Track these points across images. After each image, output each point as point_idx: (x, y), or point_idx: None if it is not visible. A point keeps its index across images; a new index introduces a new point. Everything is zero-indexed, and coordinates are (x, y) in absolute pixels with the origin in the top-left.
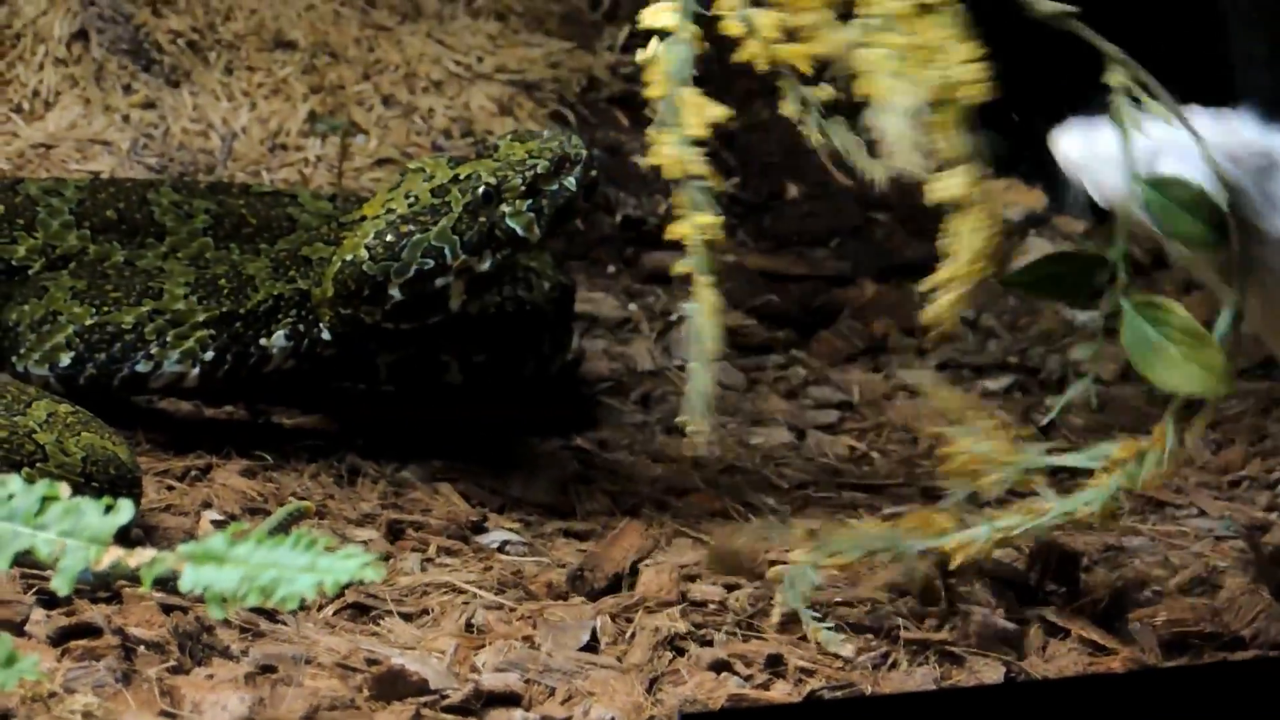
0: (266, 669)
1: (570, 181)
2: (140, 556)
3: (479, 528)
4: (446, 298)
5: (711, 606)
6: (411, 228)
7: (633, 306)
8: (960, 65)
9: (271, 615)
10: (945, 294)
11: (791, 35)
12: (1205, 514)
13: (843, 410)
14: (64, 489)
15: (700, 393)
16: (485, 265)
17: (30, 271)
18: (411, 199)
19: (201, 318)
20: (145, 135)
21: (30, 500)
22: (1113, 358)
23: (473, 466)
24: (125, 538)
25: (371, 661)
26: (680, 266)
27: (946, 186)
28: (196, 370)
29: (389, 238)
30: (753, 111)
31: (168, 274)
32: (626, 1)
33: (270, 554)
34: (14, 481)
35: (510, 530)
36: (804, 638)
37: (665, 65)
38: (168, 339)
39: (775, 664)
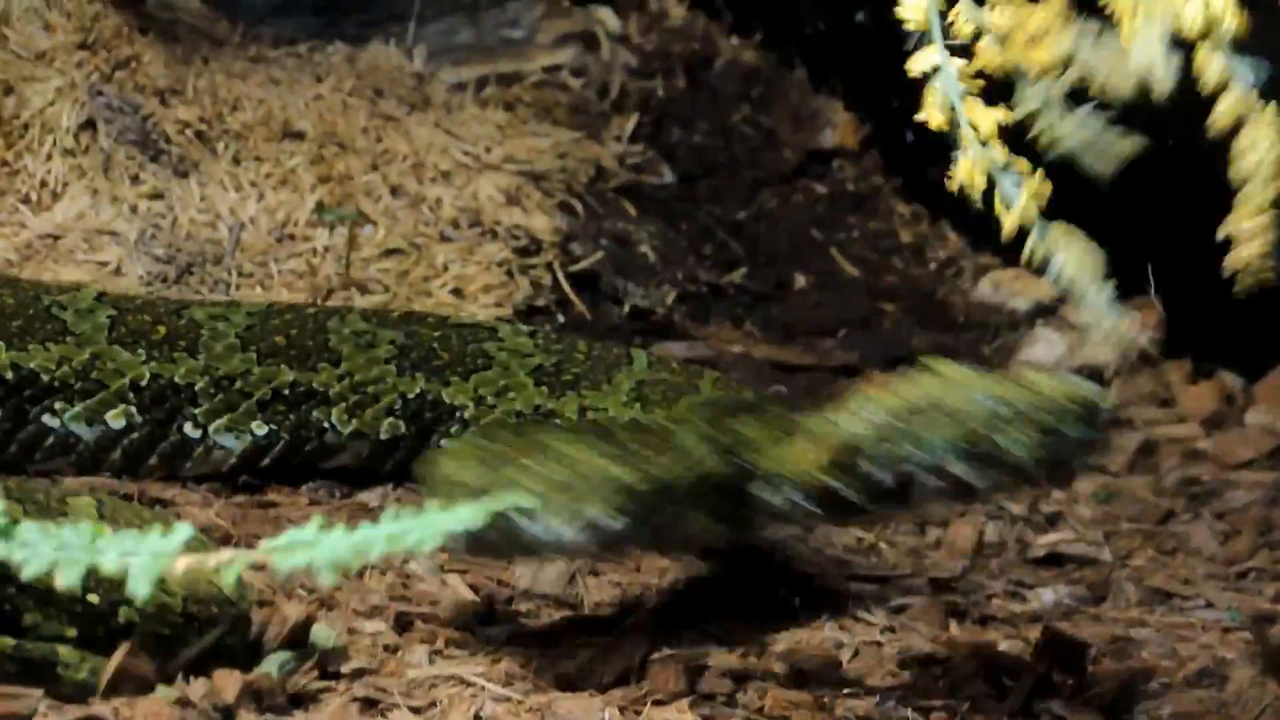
0: None
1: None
2: (218, 558)
3: (487, 619)
4: None
5: (720, 698)
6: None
7: None
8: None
9: (280, 709)
10: (1250, 226)
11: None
12: (1212, 605)
13: None
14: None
15: None
16: None
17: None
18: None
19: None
20: (153, 226)
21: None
22: (1120, 449)
23: (479, 558)
24: None
25: None
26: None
27: (1225, 111)
28: None
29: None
30: (760, 201)
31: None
32: (634, 92)
33: (361, 532)
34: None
35: (519, 622)
36: None
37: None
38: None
39: None
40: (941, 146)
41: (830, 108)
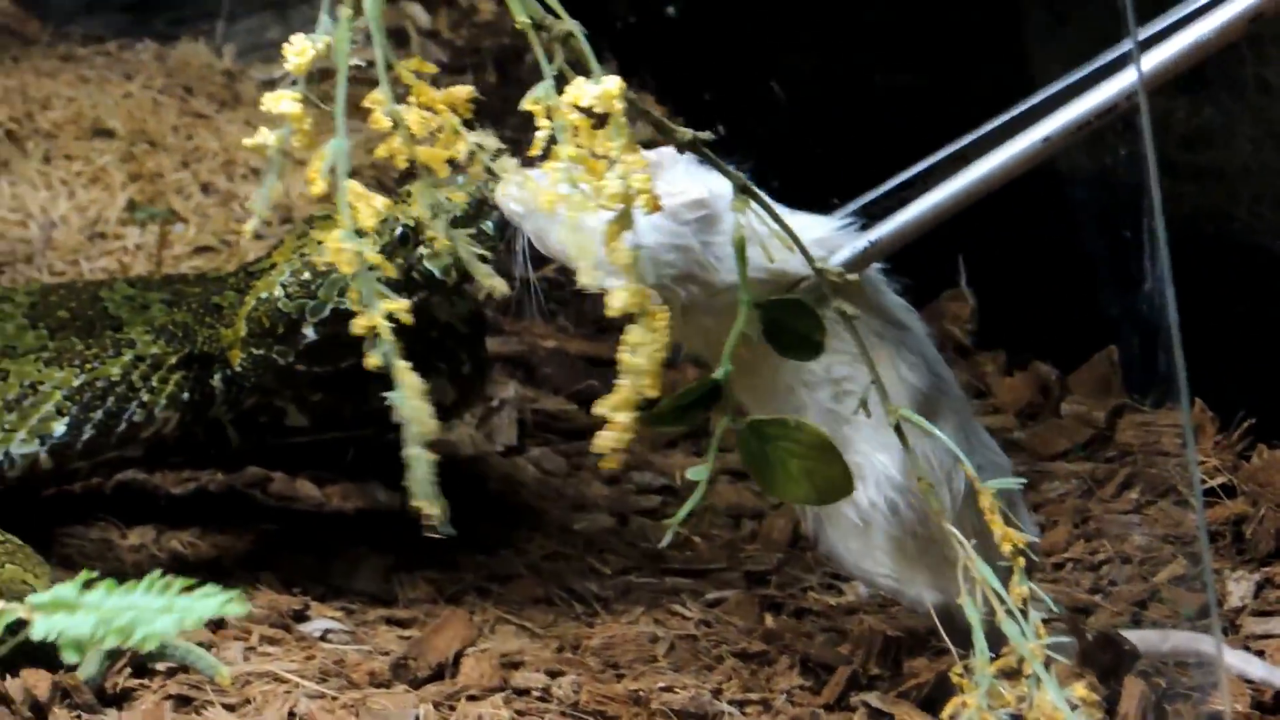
0: None
1: (488, 225)
2: None
3: (301, 616)
4: (361, 339)
5: (535, 694)
6: (328, 267)
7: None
8: (633, 174)
9: (91, 707)
10: (619, 416)
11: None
12: None
13: (665, 495)
14: None
15: (424, 477)
16: None
17: None
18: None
19: (174, 360)
20: None
21: None
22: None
23: (294, 554)
24: None
25: None
26: (371, 360)
27: (619, 299)
28: (176, 415)
29: (305, 275)
30: None
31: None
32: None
33: (124, 599)
34: None
35: (333, 619)
36: None
37: (325, 159)
38: (153, 384)
39: None
40: (752, 140)
41: (641, 100)
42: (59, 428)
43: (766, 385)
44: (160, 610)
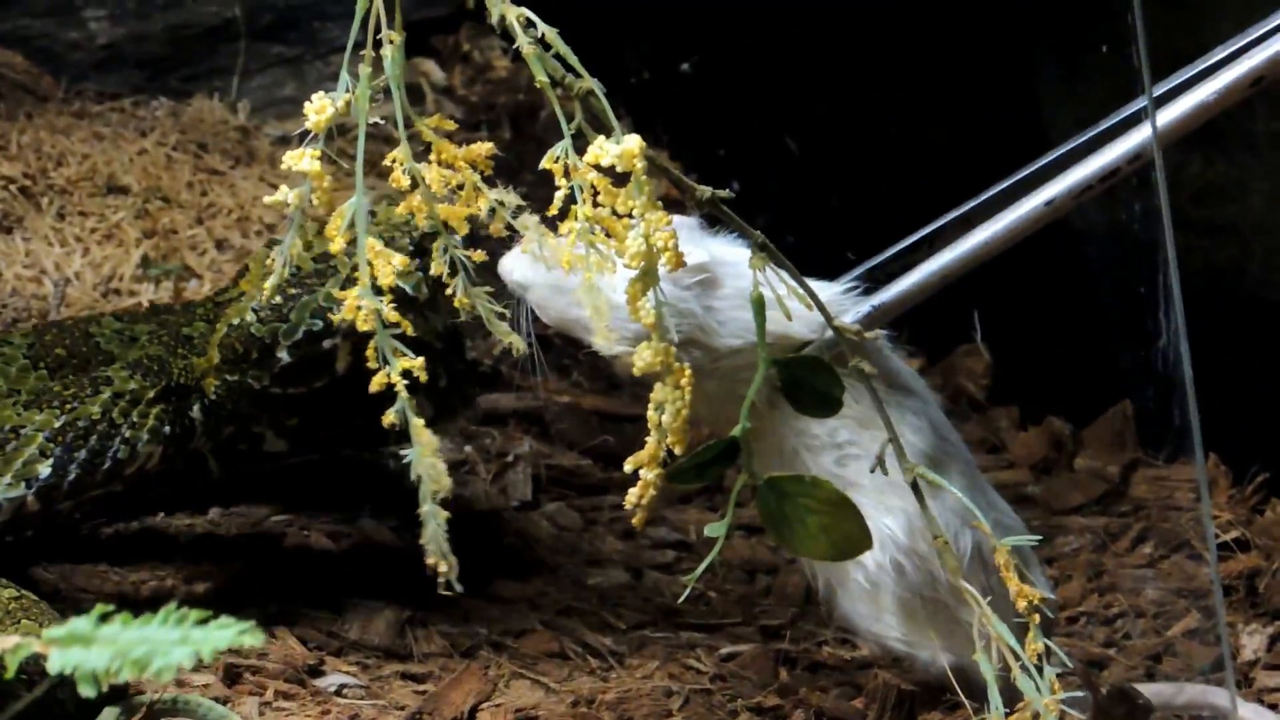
0: None
1: (456, 239)
2: (3, 644)
3: (316, 671)
4: (334, 360)
5: None
6: (298, 290)
7: (468, 448)
8: (655, 234)
9: None
10: (647, 473)
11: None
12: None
13: (679, 550)
14: None
15: (437, 533)
16: None
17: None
18: (294, 266)
19: (151, 394)
20: None
21: None
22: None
23: (309, 608)
24: None
25: None
26: (388, 417)
27: (644, 357)
28: (159, 449)
29: (276, 300)
30: None
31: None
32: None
33: (140, 632)
34: None
35: (347, 673)
36: None
37: (344, 217)
38: (134, 419)
39: None
40: (766, 196)
41: (656, 157)
42: (44, 470)
43: (771, 449)
44: (176, 642)
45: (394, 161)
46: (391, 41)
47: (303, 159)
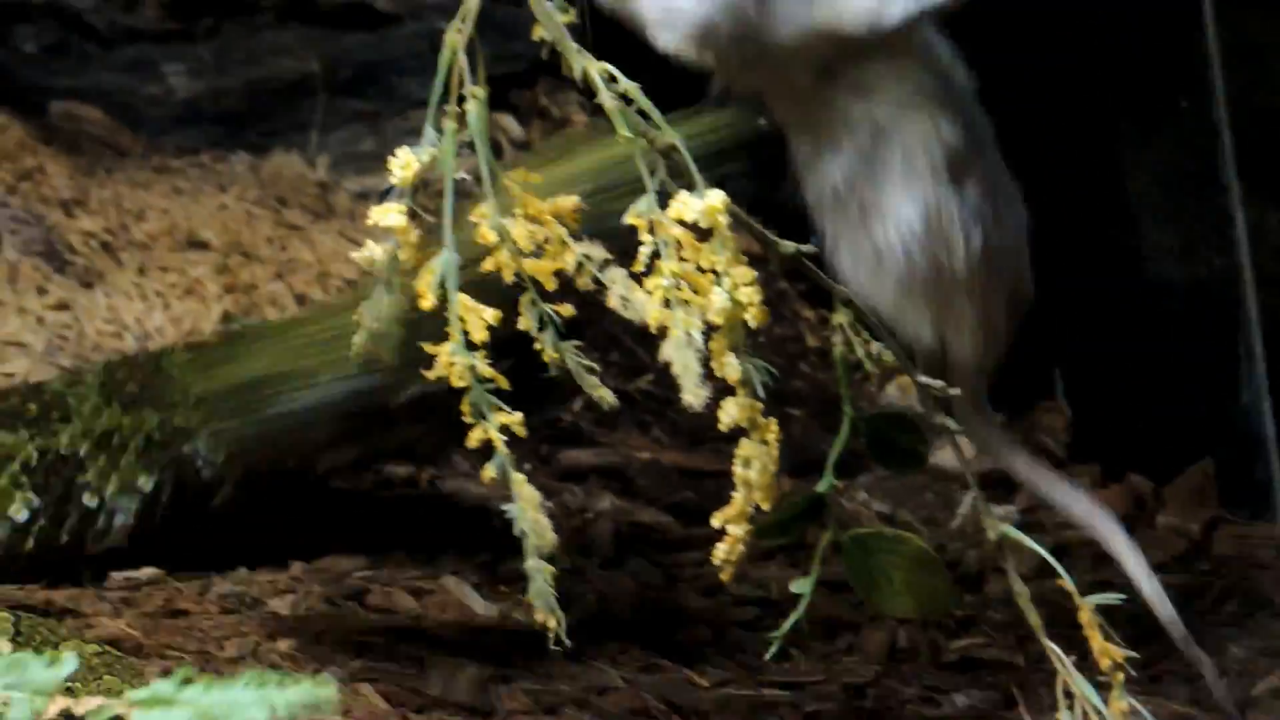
0: None
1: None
2: (87, 705)
3: None
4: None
5: None
6: None
7: (549, 505)
8: (740, 289)
9: None
10: (734, 529)
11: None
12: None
13: (761, 607)
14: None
15: (543, 589)
16: None
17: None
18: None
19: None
20: (59, 337)
21: None
22: (1030, 555)
23: (392, 664)
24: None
25: None
26: (487, 472)
27: (731, 412)
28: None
29: None
30: None
31: None
32: None
33: (222, 694)
34: None
35: None
36: None
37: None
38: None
39: None
40: None
41: (738, 212)
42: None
43: (813, 126)
44: (254, 703)
45: (480, 217)
46: (475, 96)
47: (388, 214)
